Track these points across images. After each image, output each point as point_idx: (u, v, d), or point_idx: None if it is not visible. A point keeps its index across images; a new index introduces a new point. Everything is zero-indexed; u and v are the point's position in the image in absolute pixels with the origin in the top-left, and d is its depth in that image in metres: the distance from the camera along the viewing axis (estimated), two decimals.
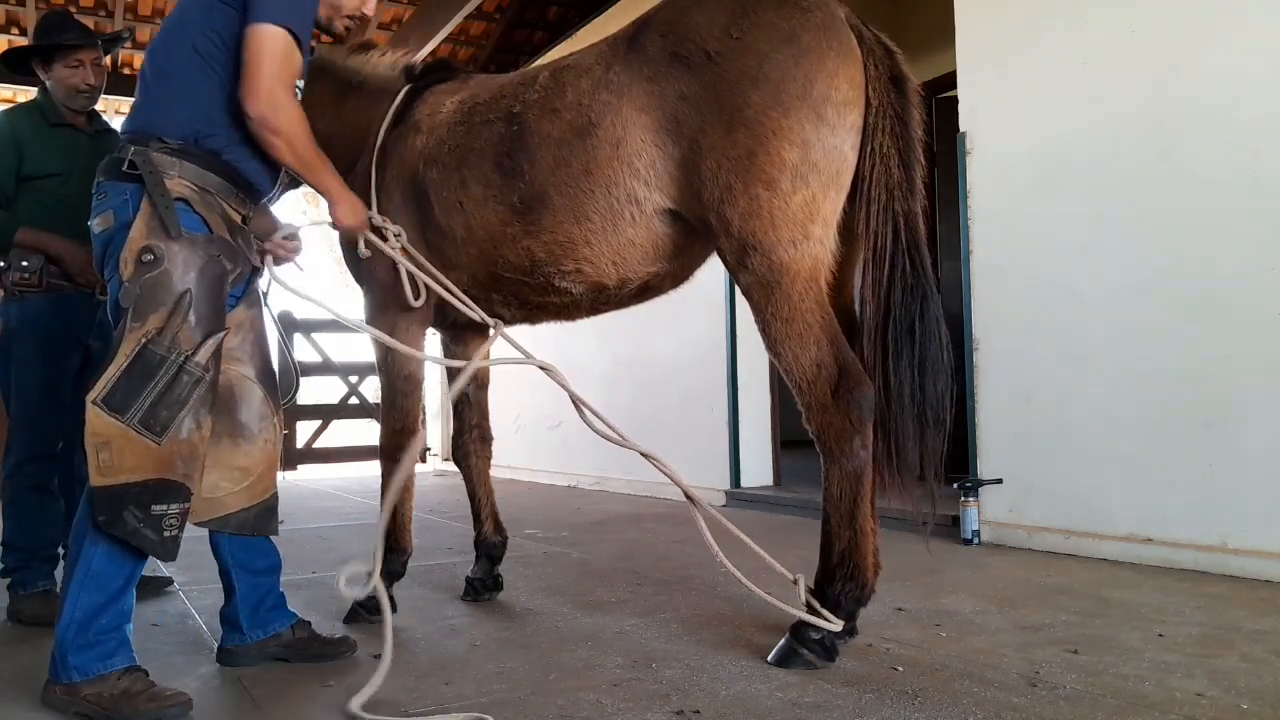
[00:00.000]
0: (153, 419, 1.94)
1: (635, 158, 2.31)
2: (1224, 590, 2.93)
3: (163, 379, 1.95)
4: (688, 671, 2.20)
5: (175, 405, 1.96)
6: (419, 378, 2.89)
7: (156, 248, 1.99)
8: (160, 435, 1.94)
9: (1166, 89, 3.35)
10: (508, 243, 2.55)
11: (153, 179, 2.03)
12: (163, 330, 1.96)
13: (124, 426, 1.92)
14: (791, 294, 2.18)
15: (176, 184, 2.06)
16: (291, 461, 8.15)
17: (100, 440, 1.92)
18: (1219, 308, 3.18)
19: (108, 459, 1.92)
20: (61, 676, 1.98)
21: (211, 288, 2.05)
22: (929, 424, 2.20)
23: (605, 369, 6.27)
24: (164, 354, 1.95)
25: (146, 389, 1.93)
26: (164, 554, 1.99)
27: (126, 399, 1.92)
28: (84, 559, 1.98)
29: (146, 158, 2.05)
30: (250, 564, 2.34)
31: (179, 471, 1.99)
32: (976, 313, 3.95)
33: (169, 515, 1.98)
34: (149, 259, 1.99)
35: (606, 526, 4.70)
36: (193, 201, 2.06)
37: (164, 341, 1.96)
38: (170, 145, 2.08)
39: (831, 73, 2.17)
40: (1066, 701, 1.94)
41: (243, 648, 2.33)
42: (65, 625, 1.97)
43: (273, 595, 2.38)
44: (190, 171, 2.08)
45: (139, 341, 1.95)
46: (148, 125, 2.11)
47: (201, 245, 2.05)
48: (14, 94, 7.59)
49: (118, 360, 1.94)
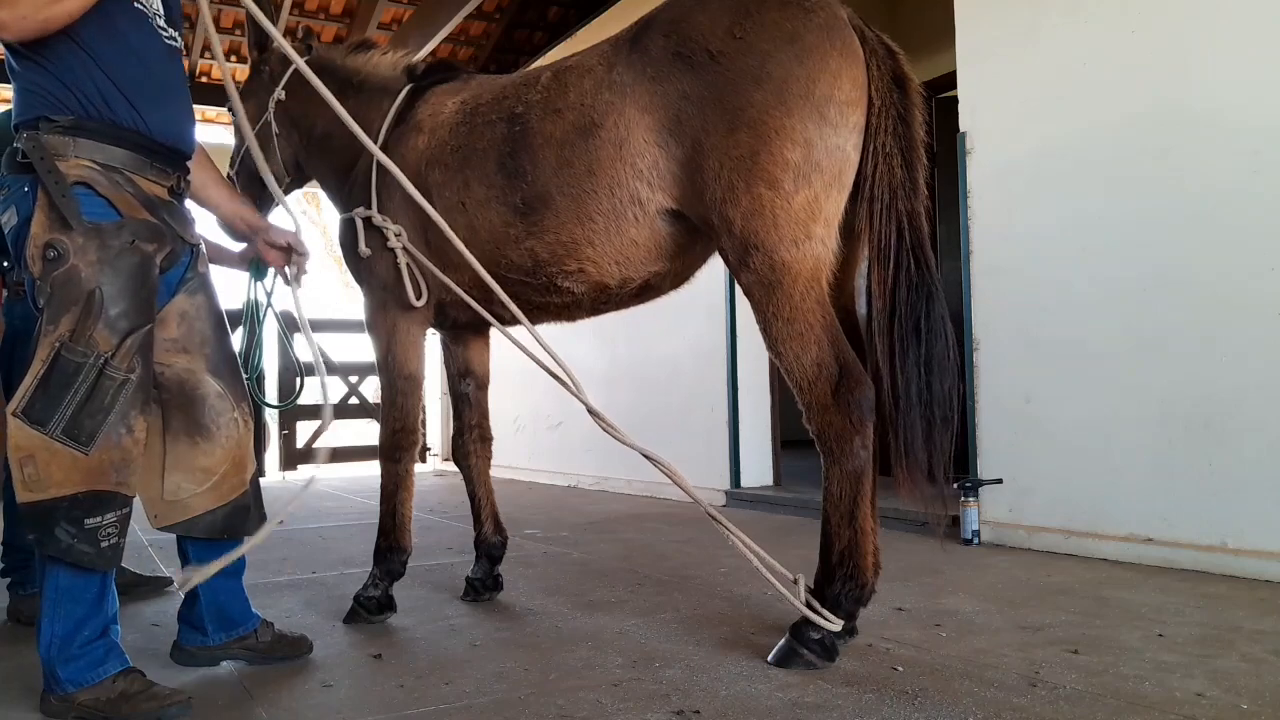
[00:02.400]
0: (76, 428, 1.81)
1: (638, 158, 2.31)
2: (1224, 590, 2.93)
3: (82, 385, 1.81)
4: (688, 671, 2.20)
5: (99, 412, 1.83)
6: (419, 377, 2.89)
7: (59, 242, 1.84)
8: (87, 445, 1.82)
9: (1166, 89, 3.35)
10: (510, 243, 2.55)
11: (44, 165, 1.85)
12: (75, 333, 1.82)
13: (46, 438, 1.80)
14: (793, 294, 2.18)
15: (73, 166, 1.87)
16: (291, 461, 8.14)
17: (24, 454, 1.80)
18: (1219, 307, 3.19)
19: (33, 473, 1.80)
20: (55, 689, 1.93)
21: (130, 279, 1.89)
22: (936, 423, 2.20)
23: (605, 369, 6.27)
24: (79, 360, 1.82)
25: (66, 398, 1.80)
26: (105, 564, 1.89)
27: (47, 410, 1.80)
28: (51, 577, 1.90)
29: (37, 142, 1.87)
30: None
31: (111, 480, 1.87)
32: (976, 313, 3.96)
33: (104, 526, 1.86)
34: (53, 255, 1.84)
35: (606, 526, 4.70)
36: (95, 184, 1.88)
37: (78, 346, 1.82)
38: (60, 123, 1.89)
39: (834, 73, 2.17)
40: (1066, 701, 1.94)
41: (204, 649, 2.27)
42: (47, 644, 1.91)
43: (238, 598, 2.30)
44: (88, 149, 1.89)
45: (53, 347, 1.82)
46: (31, 107, 1.92)
47: (110, 233, 1.88)
48: None
49: (34, 367, 1.82)
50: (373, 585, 2.81)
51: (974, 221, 3.99)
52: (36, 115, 1.91)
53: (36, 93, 1.93)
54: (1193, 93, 3.28)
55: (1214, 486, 3.18)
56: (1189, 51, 3.29)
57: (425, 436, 8.31)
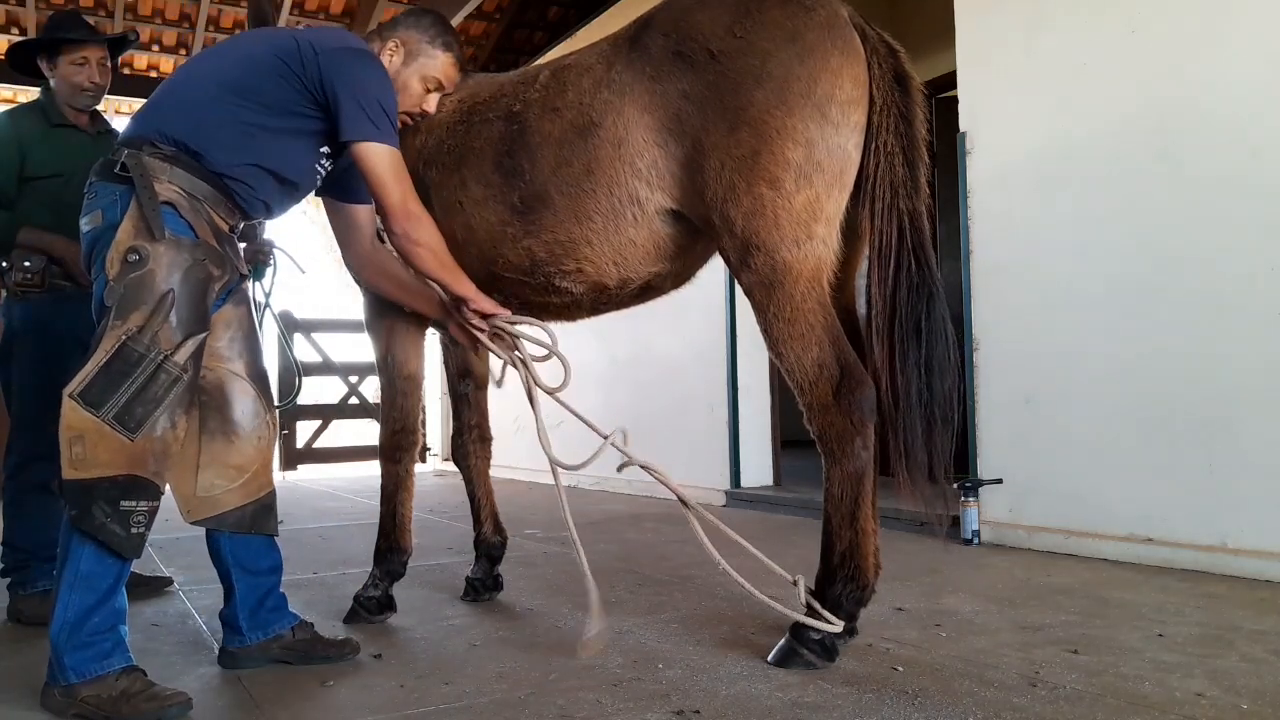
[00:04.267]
0: (128, 415, 1.94)
1: (637, 157, 2.31)
2: (1224, 590, 2.93)
3: (140, 376, 1.95)
4: (688, 671, 2.20)
5: (151, 403, 1.96)
6: (419, 378, 2.89)
7: (142, 248, 2.00)
8: (134, 431, 1.94)
9: (1166, 89, 3.35)
10: (508, 242, 2.54)
11: (142, 181, 2.04)
12: (143, 328, 1.97)
13: (99, 421, 1.92)
14: (794, 294, 2.18)
15: (165, 188, 2.06)
16: (291, 461, 8.14)
17: (74, 433, 1.93)
18: (1219, 307, 3.18)
19: (80, 452, 1.93)
20: (59, 679, 1.97)
21: (195, 291, 2.06)
22: (937, 423, 2.20)
23: (605, 369, 6.27)
24: (143, 352, 1.96)
25: (124, 385, 1.94)
26: (129, 550, 1.98)
27: (103, 394, 1.93)
28: (72, 560, 1.98)
29: (139, 160, 2.07)
30: (250, 564, 2.32)
31: (150, 469, 1.98)
32: (976, 313, 3.95)
33: (137, 512, 1.97)
34: (134, 259, 2.00)
35: (606, 526, 4.70)
36: (180, 206, 2.07)
37: (144, 339, 1.96)
38: (163, 151, 2.10)
39: (835, 71, 2.17)
40: (1066, 701, 1.94)
41: (243, 649, 2.32)
42: (59, 628, 1.96)
43: (273, 596, 2.36)
44: (180, 178, 2.09)
45: (119, 338, 1.96)
46: (145, 131, 2.14)
47: (187, 249, 2.06)
48: (14, 94, 7.58)
49: (97, 356, 1.95)
50: (373, 585, 2.81)
51: (974, 221, 3.99)
52: (144, 139, 2.11)
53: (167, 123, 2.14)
54: (1192, 92, 3.28)
55: (1214, 486, 3.18)
56: (1189, 51, 3.29)
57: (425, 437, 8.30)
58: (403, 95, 2.38)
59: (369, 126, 2.17)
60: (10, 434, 2.97)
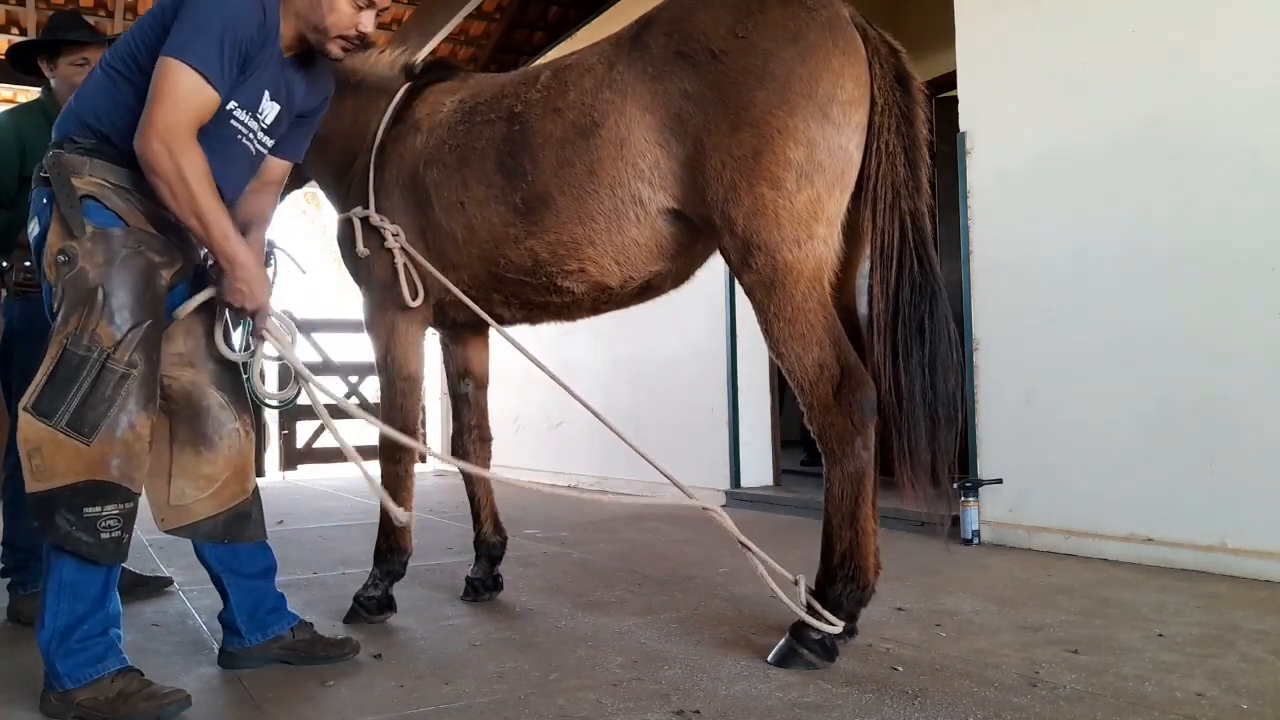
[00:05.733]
0: (80, 420, 1.91)
1: (639, 158, 2.31)
2: (1224, 590, 2.93)
3: (86, 379, 1.91)
4: (688, 671, 2.20)
5: (102, 403, 1.93)
6: (419, 378, 2.89)
7: (69, 248, 1.97)
8: (89, 436, 1.91)
9: (1166, 88, 3.35)
10: (510, 243, 2.54)
11: (59, 179, 1.99)
12: (80, 329, 1.93)
13: (52, 430, 1.90)
14: (795, 294, 2.18)
15: (85, 182, 2.00)
16: (291, 461, 8.13)
17: (32, 446, 1.91)
18: (1219, 308, 3.18)
19: (40, 464, 1.90)
20: (55, 686, 1.96)
21: (133, 280, 2.00)
22: (940, 422, 2.20)
23: (605, 369, 6.26)
24: (84, 353, 1.92)
25: (71, 391, 1.91)
26: (104, 557, 1.95)
27: (53, 402, 1.90)
28: (54, 569, 1.96)
29: (56, 160, 2.02)
30: (239, 568, 2.30)
31: (113, 472, 1.94)
32: (976, 313, 3.95)
33: (104, 517, 1.93)
34: (63, 260, 1.97)
35: (606, 526, 4.70)
36: (102, 198, 2.01)
37: (83, 341, 1.93)
38: (82, 145, 2.04)
39: (837, 71, 2.17)
40: (1066, 701, 1.94)
41: (243, 650, 2.31)
42: (47, 638, 1.95)
43: (270, 598, 2.34)
44: (101, 169, 2.02)
45: (61, 344, 1.93)
46: (67, 126, 2.08)
47: (116, 239, 2.00)
48: (14, 94, 7.58)
49: (44, 365, 1.94)
50: (373, 585, 2.81)
51: (974, 221, 3.99)
52: (65, 136, 2.07)
53: (81, 115, 2.07)
54: (1192, 92, 3.28)
55: (1214, 486, 3.18)
56: (1188, 51, 3.29)
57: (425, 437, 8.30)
58: (331, 16, 2.13)
59: (175, 41, 1.95)
60: (10, 434, 2.96)
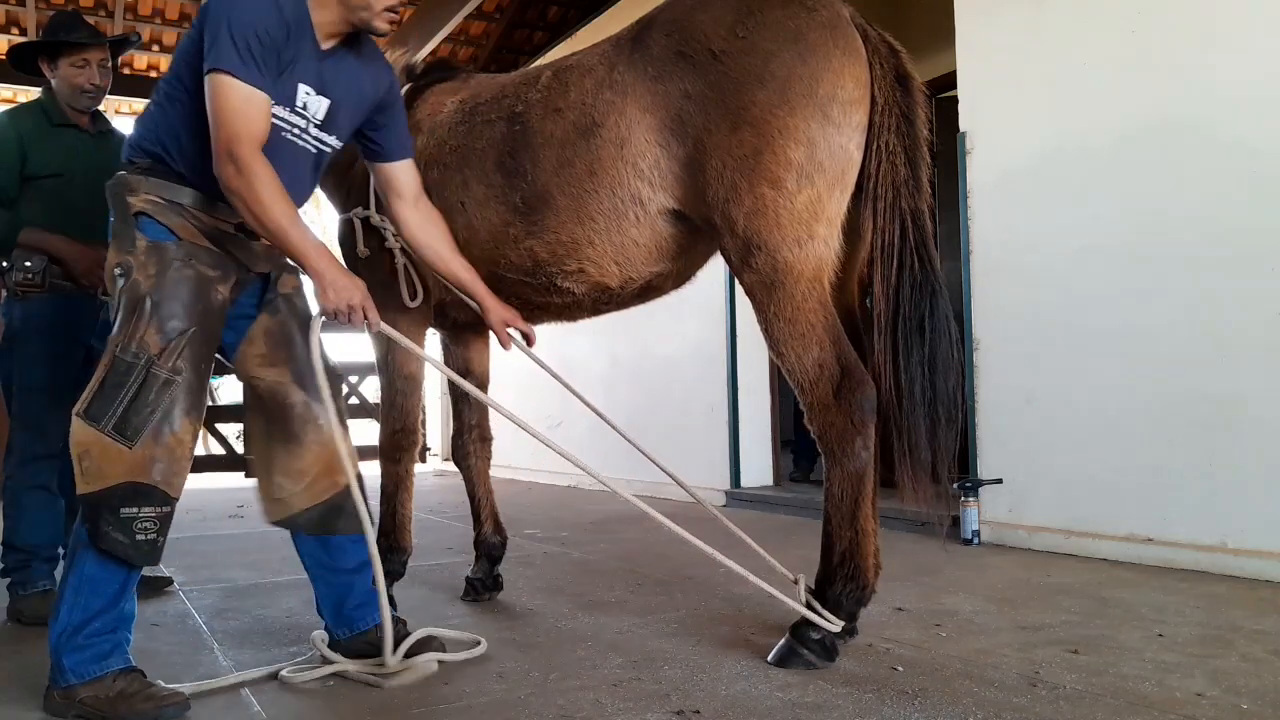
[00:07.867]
0: (125, 425, 1.96)
1: (639, 158, 2.31)
2: (1224, 590, 2.93)
3: (133, 385, 1.97)
4: (688, 671, 2.20)
5: (145, 409, 1.98)
6: (419, 378, 2.89)
7: (124, 262, 2.04)
8: (131, 440, 1.96)
9: (1166, 88, 3.35)
10: (510, 243, 2.54)
11: (115, 198, 2.08)
12: (130, 338, 1.99)
13: (100, 434, 1.96)
14: (795, 294, 2.18)
15: (140, 199, 2.07)
16: None
17: (81, 449, 1.97)
18: (1219, 308, 3.18)
19: (89, 466, 1.97)
20: (59, 681, 1.99)
21: (184, 291, 2.05)
22: (941, 421, 2.20)
23: (605, 369, 6.26)
24: (130, 360, 1.98)
25: (119, 396, 1.97)
26: (138, 558, 1.99)
27: (102, 408, 1.97)
28: (78, 565, 2.00)
29: (115, 180, 2.11)
30: (328, 563, 2.32)
31: (154, 476, 1.99)
32: (976, 312, 3.95)
33: (140, 519, 1.97)
34: (119, 273, 2.05)
35: (606, 526, 4.70)
36: (156, 213, 2.07)
37: (131, 348, 1.99)
38: (140, 165, 2.12)
39: (837, 71, 2.17)
40: (1066, 701, 1.94)
41: (337, 645, 2.33)
42: (60, 631, 1.98)
43: (356, 594, 2.33)
44: (155, 185, 2.09)
45: (112, 353, 2.00)
46: (125, 153, 2.17)
47: (168, 252, 2.06)
48: (14, 94, 7.58)
49: (98, 371, 2.01)
50: None
51: (974, 221, 3.99)
52: (126, 159, 2.16)
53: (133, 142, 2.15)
54: (1192, 92, 3.28)
55: (1214, 486, 3.18)
56: (1189, 51, 3.29)
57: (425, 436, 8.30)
58: None
59: (208, 56, 1.97)
60: (10, 434, 2.97)
